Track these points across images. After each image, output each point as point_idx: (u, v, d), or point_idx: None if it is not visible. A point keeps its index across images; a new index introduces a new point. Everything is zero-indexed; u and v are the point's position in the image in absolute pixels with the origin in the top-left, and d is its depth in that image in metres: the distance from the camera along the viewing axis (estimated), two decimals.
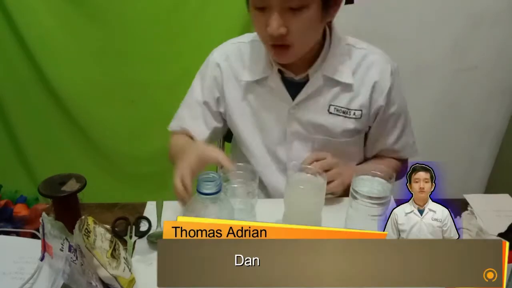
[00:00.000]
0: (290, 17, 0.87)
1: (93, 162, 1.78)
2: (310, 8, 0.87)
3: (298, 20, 0.87)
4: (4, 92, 1.66)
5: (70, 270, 0.66)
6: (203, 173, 0.66)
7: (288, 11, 0.86)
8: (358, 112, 1.01)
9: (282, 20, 0.86)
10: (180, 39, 1.62)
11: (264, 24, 0.88)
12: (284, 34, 0.88)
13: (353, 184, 0.81)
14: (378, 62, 1.01)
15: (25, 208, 0.88)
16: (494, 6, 1.77)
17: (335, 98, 1.01)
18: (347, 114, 1.01)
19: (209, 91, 1.08)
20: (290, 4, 0.85)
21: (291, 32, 0.88)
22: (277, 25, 0.86)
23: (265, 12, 0.87)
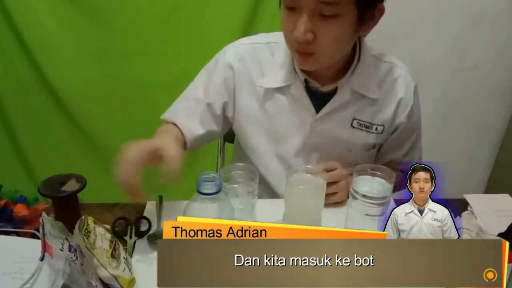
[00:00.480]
0: (320, 24, 0.80)
1: (93, 162, 1.78)
2: (343, 18, 0.80)
3: (328, 29, 0.81)
4: (4, 92, 1.66)
5: (70, 270, 0.66)
6: (203, 173, 0.66)
7: (319, 16, 0.80)
8: (380, 128, 0.99)
9: (311, 25, 0.80)
10: (180, 39, 1.62)
11: (292, 26, 0.82)
12: (310, 41, 0.82)
13: (353, 184, 0.81)
14: (403, 78, 0.99)
15: (25, 208, 0.88)
16: (494, 6, 1.77)
17: (359, 112, 0.97)
18: (370, 129, 0.99)
19: (216, 93, 1.00)
20: (322, 9, 0.79)
21: (318, 40, 0.82)
22: (305, 29, 0.80)
23: (295, 13, 0.81)
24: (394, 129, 1.02)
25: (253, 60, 0.98)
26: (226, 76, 0.99)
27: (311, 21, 0.80)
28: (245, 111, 1.01)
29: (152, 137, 1.10)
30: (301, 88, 0.95)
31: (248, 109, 1.00)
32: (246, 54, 0.99)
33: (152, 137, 0.89)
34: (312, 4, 0.79)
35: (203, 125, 1.02)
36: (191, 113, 1.02)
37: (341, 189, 0.93)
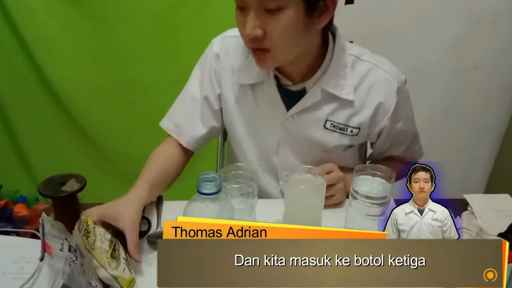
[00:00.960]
0: (267, 19, 0.81)
1: (93, 162, 1.78)
2: (288, 11, 0.80)
3: (276, 23, 0.81)
4: (4, 92, 1.66)
5: (70, 270, 0.66)
6: (203, 173, 0.66)
7: (265, 12, 0.81)
8: (355, 130, 0.96)
9: (259, 21, 0.81)
10: (180, 39, 1.62)
11: (242, 24, 0.84)
12: (261, 38, 0.82)
13: (353, 184, 0.81)
14: (383, 80, 0.94)
15: (25, 208, 0.88)
16: (494, 6, 1.77)
17: (333, 113, 0.95)
18: (344, 131, 0.96)
19: (209, 85, 1.01)
20: (265, 4, 0.80)
21: (268, 35, 0.82)
22: (252, 25, 0.81)
23: (244, 12, 0.83)
24: (379, 133, 1.00)
25: (236, 52, 0.99)
26: (215, 68, 1.00)
27: (258, 17, 0.81)
28: (229, 104, 1.01)
29: (152, 136, 1.11)
30: (272, 86, 0.95)
31: (231, 102, 1.00)
32: (230, 46, 1.00)
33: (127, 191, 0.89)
34: (255, 1, 0.80)
35: (204, 122, 1.02)
36: (190, 114, 1.02)
37: (339, 191, 0.92)
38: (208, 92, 1.01)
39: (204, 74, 1.02)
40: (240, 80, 0.98)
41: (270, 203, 1.01)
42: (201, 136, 1.03)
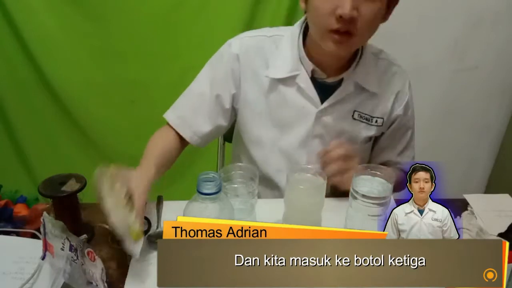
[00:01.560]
0: (363, 3, 0.83)
1: (93, 162, 1.77)
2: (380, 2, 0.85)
3: (369, 8, 0.84)
4: (4, 92, 1.66)
5: (70, 269, 0.66)
6: (203, 173, 0.66)
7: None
8: (380, 120, 1.02)
9: (356, 2, 0.82)
10: (180, 39, 1.62)
11: (331, 7, 0.83)
12: (356, 18, 0.83)
13: (353, 184, 0.81)
14: (400, 73, 1.03)
15: (25, 208, 0.88)
16: (494, 6, 1.77)
17: (360, 105, 1.00)
18: (370, 122, 1.01)
19: (224, 85, 1.00)
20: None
21: (360, 19, 0.84)
22: (352, 6, 0.81)
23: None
24: (391, 122, 1.05)
25: (257, 52, 0.99)
26: (233, 67, 0.99)
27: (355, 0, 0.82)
28: (250, 102, 1.01)
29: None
30: (307, 78, 0.96)
31: (253, 100, 1.01)
32: (251, 46, 0.99)
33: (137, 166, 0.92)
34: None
35: (211, 119, 1.02)
36: (197, 109, 1.02)
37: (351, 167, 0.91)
38: (221, 90, 1.01)
39: (218, 72, 1.01)
40: (271, 74, 0.97)
41: (270, 203, 1.01)
42: (206, 133, 1.03)
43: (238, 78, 1.00)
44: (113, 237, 0.87)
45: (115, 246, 0.86)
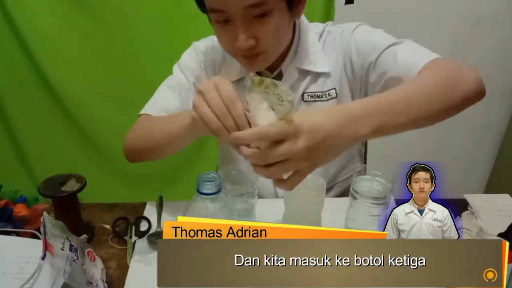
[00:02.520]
0: (257, 26, 0.80)
1: (93, 162, 1.78)
2: (275, 13, 0.80)
3: (265, 27, 0.81)
4: (4, 92, 1.66)
5: (70, 269, 0.66)
6: (203, 173, 0.66)
7: (253, 20, 0.80)
8: (332, 91, 0.95)
9: (249, 31, 0.80)
10: (181, 39, 1.61)
11: (231, 38, 0.83)
12: (254, 45, 0.82)
13: (353, 184, 0.81)
14: (338, 34, 0.95)
15: (25, 208, 0.88)
16: (494, 6, 1.77)
17: (308, 86, 0.96)
18: (323, 97, 0.96)
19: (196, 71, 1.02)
20: (252, 12, 0.78)
21: (261, 41, 0.82)
22: (245, 38, 0.80)
23: (229, 25, 0.82)
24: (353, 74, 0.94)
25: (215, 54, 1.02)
26: (201, 60, 1.02)
27: (248, 27, 0.80)
28: None
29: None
30: None
31: None
32: (209, 48, 1.03)
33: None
34: (240, 12, 0.78)
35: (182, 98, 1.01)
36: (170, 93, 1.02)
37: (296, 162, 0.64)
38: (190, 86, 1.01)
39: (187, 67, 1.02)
40: (232, 77, 0.99)
41: (270, 203, 1.01)
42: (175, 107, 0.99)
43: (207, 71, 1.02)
44: (113, 237, 0.88)
45: (115, 246, 0.86)
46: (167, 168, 1.82)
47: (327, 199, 0.78)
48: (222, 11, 0.80)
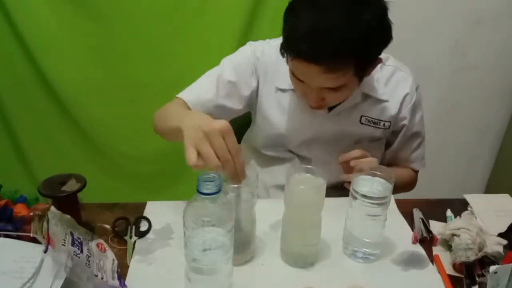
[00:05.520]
0: (329, 93, 0.90)
1: (93, 162, 1.78)
2: (348, 86, 0.89)
3: (336, 95, 0.91)
4: (4, 92, 1.66)
5: (72, 264, 0.66)
6: (203, 173, 0.66)
7: (325, 88, 0.89)
8: (387, 123, 1.06)
9: (321, 95, 0.91)
10: (181, 39, 1.62)
11: (302, 91, 0.93)
12: (322, 104, 0.94)
13: (353, 184, 0.81)
14: (406, 79, 1.06)
15: (25, 208, 0.88)
16: (494, 6, 1.77)
17: (368, 110, 1.04)
18: (377, 125, 1.06)
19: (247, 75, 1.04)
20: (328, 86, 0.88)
21: (329, 101, 0.94)
22: (315, 100, 0.92)
23: (304, 84, 0.90)
24: (401, 127, 1.09)
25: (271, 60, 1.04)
26: (255, 64, 1.05)
27: (319, 93, 0.90)
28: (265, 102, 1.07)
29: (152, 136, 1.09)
30: None
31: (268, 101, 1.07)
32: (267, 54, 1.05)
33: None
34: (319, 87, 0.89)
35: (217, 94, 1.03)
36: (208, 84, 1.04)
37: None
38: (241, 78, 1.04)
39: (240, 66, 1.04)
40: (281, 85, 1.04)
41: (270, 203, 1.01)
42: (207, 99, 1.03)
43: (258, 77, 1.05)
44: (113, 237, 0.88)
45: (115, 246, 0.86)
46: (167, 168, 1.82)
47: (327, 199, 0.78)
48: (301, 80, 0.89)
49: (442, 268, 0.82)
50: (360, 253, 0.84)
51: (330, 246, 0.87)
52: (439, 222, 0.95)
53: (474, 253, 0.80)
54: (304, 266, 0.82)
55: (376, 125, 1.06)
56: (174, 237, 0.88)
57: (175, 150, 1.77)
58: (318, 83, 0.87)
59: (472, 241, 0.81)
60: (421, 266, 0.83)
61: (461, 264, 0.81)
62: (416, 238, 0.89)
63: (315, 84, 0.88)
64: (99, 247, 0.75)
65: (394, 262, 0.84)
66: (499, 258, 0.82)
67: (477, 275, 0.80)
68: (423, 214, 0.97)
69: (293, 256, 0.82)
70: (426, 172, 1.25)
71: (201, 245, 0.66)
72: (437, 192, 1.37)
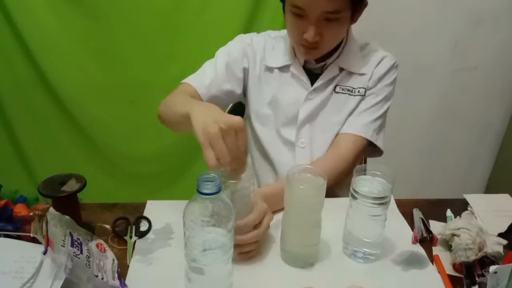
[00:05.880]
0: (325, 26, 0.96)
1: (93, 162, 1.78)
2: (343, 18, 0.97)
3: (332, 28, 0.97)
4: (4, 92, 1.66)
5: (72, 264, 0.66)
6: (203, 173, 0.66)
7: (323, 21, 0.95)
8: (362, 90, 1.09)
9: (318, 29, 0.96)
10: (180, 40, 1.62)
11: (300, 30, 0.98)
12: (318, 41, 0.98)
13: (353, 184, 0.81)
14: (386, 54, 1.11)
15: (25, 208, 0.88)
16: (494, 6, 1.77)
17: (342, 81, 1.10)
18: (352, 92, 1.09)
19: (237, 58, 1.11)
20: (326, 16, 0.94)
21: (324, 38, 0.98)
22: (314, 34, 0.96)
23: (303, 19, 0.96)
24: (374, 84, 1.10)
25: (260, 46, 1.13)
26: (246, 48, 1.13)
27: (318, 26, 0.96)
28: (254, 83, 1.13)
29: (152, 136, 1.11)
30: (299, 67, 1.10)
31: (256, 82, 1.13)
32: (256, 41, 1.14)
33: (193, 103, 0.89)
34: (317, 14, 0.94)
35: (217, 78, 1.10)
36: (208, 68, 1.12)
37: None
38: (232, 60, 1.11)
39: (232, 49, 1.13)
40: (269, 63, 1.11)
41: None
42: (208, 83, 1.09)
43: (249, 58, 1.13)
44: (113, 237, 0.88)
45: (115, 246, 0.86)
46: (167, 168, 1.82)
47: (327, 199, 0.78)
48: (302, 9, 0.94)
49: (442, 268, 0.82)
50: (360, 253, 0.84)
51: (330, 246, 0.87)
52: (439, 222, 0.95)
53: (474, 253, 0.80)
54: (304, 266, 0.82)
55: (350, 93, 1.09)
56: (174, 237, 0.88)
57: (175, 150, 1.78)
58: (319, 5, 0.92)
59: (472, 241, 0.81)
60: (421, 266, 0.83)
61: (461, 264, 0.81)
62: (416, 238, 0.89)
63: (316, 7, 0.93)
64: (98, 247, 0.75)
65: (394, 262, 0.84)
66: (499, 258, 0.82)
67: (477, 275, 0.80)
68: (423, 214, 0.97)
69: (293, 256, 0.82)
70: (426, 172, 1.25)
71: (201, 245, 0.66)
72: (437, 192, 1.38)
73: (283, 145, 1.13)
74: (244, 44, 1.13)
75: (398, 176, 0.80)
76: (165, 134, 1.78)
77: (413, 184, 1.93)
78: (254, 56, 1.13)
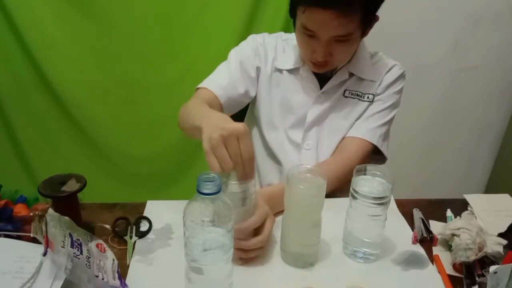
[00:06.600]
0: (335, 46, 0.97)
1: (93, 162, 1.78)
2: (353, 38, 0.97)
3: (342, 49, 0.98)
4: (4, 92, 1.66)
5: (72, 265, 0.66)
6: (203, 173, 0.66)
7: (334, 41, 0.96)
8: (371, 96, 1.10)
9: (328, 49, 0.97)
10: (180, 40, 1.62)
11: (310, 48, 0.99)
12: (328, 60, 0.99)
13: (353, 184, 0.81)
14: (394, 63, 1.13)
15: (25, 208, 0.88)
16: (494, 6, 1.77)
17: (351, 86, 1.11)
18: (361, 98, 1.11)
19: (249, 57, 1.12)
20: (336, 39, 0.95)
21: (334, 57, 1.00)
22: (324, 54, 0.97)
23: (313, 39, 0.97)
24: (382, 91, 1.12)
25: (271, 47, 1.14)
26: (258, 47, 1.13)
27: (328, 46, 0.97)
28: (264, 84, 1.14)
29: (152, 136, 1.11)
30: (309, 70, 1.10)
31: (266, 83, 1.14)
32: (268, 41, 1.15)
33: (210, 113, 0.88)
34: (329, 37, 0.95)
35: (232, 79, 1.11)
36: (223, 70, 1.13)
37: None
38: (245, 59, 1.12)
39: (245, 49, 1.13)
40: (280, 65, 1.12)
41: None
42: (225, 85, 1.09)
43: (261, 58, 1.13)
44: (113, 237, 0.88)
45: (115, 246, 0.86)
46: (167, 168, 1.82)
47: (327, 199, 0.78)
48: (313, 31, 0.95)
49: (442, 268, 0.82)
50: (360, 253, 0.84)
51: (330, 246, 0.87)
52: (439, 222, 0.95)
53: (474, 253, 0.80)
54: (304, 266, 0.82)
55: (359, 98, 1.10)
56: (174, 237, 0.88)
57: (175, 150, 1.78)
58: (330, 30, 0.94)
59: (472, 241, 0.81)
60: (421, 266, 0.83)
61: (461, 264, 0.81)
62: (416, 238, 0.89)
63: (327, 32, 0.94)
64: (98, 248, 0.75)
65: (394, 262, 0.84)
66: (499, 258, 0.82)
67: (477, 275, 0.80)
68: (423, 214, 0.97)
69: (293, 256, 0.82)
70: (426, 172, 1.25)
71: (201, 245, 0.66)
72: (437, 192, 1.38)
73: (290, 146, 1.13)
74: (257, 43, 1.14)
75: (398, 176, 0.80)
76: (165, 134, 1.79)
77: (413, 184, 1.93)
78: (266, 56, 1.14)
